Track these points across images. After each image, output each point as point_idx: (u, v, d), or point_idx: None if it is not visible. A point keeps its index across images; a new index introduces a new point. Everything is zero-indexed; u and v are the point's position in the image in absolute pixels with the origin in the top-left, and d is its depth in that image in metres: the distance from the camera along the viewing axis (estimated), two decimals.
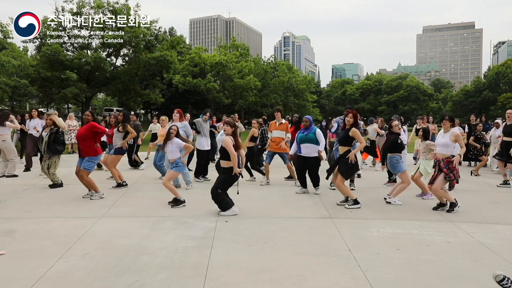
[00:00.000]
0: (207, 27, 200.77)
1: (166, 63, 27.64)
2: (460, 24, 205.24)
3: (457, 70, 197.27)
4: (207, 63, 39.00)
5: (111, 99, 44.19)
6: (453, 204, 5.97)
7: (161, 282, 3.41)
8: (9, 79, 30.46)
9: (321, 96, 74.97)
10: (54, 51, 24.40)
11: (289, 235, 4.76)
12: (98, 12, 26.42)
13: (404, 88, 69.39)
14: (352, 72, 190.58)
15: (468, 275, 3.62)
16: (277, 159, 8.65)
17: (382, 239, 4.64)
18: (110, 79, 27.83)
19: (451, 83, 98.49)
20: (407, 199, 6.85)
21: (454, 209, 5.94)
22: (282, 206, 6.33)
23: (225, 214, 5.61)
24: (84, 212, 5.76)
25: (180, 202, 6.13)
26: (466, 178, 9.52)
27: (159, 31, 30.53)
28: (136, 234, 4.74)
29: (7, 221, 5.24)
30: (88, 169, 6.68)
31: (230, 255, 4.09)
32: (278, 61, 57.03)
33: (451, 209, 5.95)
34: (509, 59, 71.46)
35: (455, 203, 5.98)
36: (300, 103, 54.57)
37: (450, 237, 4.74)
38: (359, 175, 9.21)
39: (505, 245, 4.48)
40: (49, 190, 7.40)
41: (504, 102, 56.18)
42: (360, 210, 6.05)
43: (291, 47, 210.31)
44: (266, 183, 8.13)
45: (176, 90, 40.20)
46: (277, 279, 3.50)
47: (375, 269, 3.72)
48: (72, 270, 3.65)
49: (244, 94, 41.48)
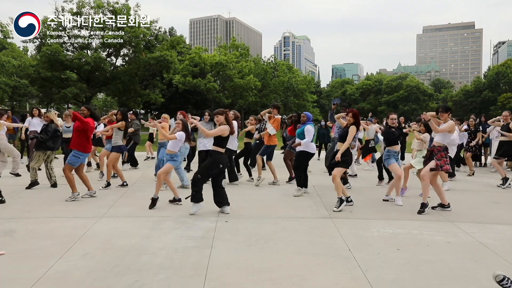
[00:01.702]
0: (207, 27, 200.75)
1: (166, 63, 27.66)
2: (460, 24, 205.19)
3: (457, 70, 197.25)
4: (207, 63, 39.00)
5: (111, 99, 44.17)
6: (424, 204, 5.88)
7: (161, 282, 3.41)
8: (9, 79, 30.48)
9: (321, 96, 74.94)
10: (54, 51, 24.41)
11: (289, 235, 4.76)
12: (98, 12, 26.43)
13: (404, 88, 69.41)
14: (352, 72, 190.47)
15: (468, 275, 3.62)
16: (277, 159, 8.65)
17: (382, 239, 4.64)
18: (110, 79, 27.84)
19: (451, 83, 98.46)
20: (407, 199, 6.85)
21: (425, 210, 5.85)
22: (282, 206, 6.33)
23: (192, 209, 5.65)
24: (84, 212, 5.76)
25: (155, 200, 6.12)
26: (466, 178, 9.52)
27: (159, 31, 30.55)
28: (136, 234, 4.74)
29: (7, 221, 5.24)
30: (72, 163, 6.51)
31: (230, 255, 4.09)
32: (278, 61, 57.01)
33: (422, 210, 5.84)
34: (509, 59, 71.47)
35: (426, 204, 5.89)
36: (300, 103, 54.55)
37: (450, 237, 4.74)
38: (356, 175, 9.23)
39: (505, 245, 4.48)
40: (49, 190, 7.40)
41: (504, 102, 56.19)
42: (360, 210, 6.05)
43: (291, 47, 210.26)
44: (258, 180, 8.18)
45: (176, 90, 40.19)
46: (277, 279, 3.50)
47: (375, 269, 3.72)
48: (72, 270, 3.65)
49: (244, 94, 41.49)
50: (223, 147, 5.68)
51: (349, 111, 6.31)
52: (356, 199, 6.54)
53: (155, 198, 6.11)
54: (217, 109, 5.95)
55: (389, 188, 6.83)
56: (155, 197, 6.12)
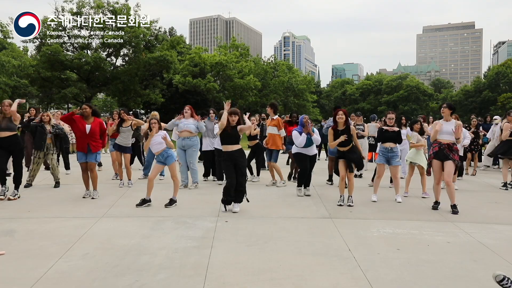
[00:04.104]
0: (207, 27, 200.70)
1: (166, 63, 27.70)
2: (460, 24, 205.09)
3: (457, 70, 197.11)
4: (207, 63, 38.97)
5: (111, 99, 44.20)
6: (455, 205, 5.93)
7: (161, 282, 3.41)
8: (9, 79, 30.47)
9: (321, 96, 74.86)
10: (54, 51, 24.43)
11: (289, 235, 4.76)
12: (98, 12, 26.46)
13: (404, 88, 69.35)
14: (352, 72, 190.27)
15: (468, 275, 3.62)
16: (280, 159, 8.67)
17: (382, 239, 4.64)
18: (110, 79, 27.87)
19: (451, 83, 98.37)
20: (407, 199, 6.86)
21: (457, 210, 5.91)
22: (282, 206, 6.33)
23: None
24: (84, 212, 5.76)
25: (145, 201, 6.11)
26: (466, 178, 9.52)
27: (159, 31, 30.60)
28: (136, 234, 4.74)
29: (7, 221, 5.24)
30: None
31: (230, 255, 4.09)
32: (278, 61, 56.93)
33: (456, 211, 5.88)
34: (509, 59, 71.43)
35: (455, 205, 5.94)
36: (300, 103, 54.51)
37: (450, 237, 4.74)
38: (361, 175, 9.21)
39: (505, 245, 4.48)
40: (49, 190, 7.40)
41: (504, 102, 56.12)
42: (360, 210, 6.05)
43: (291, 47, 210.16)
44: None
45: (176, 90, 40.16)
46: (277, 279, 3.50)
47: (375, 269, 3.72)
48: (72, 270, 3.65)
49: (244, 94, 41.46)
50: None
51: (338, 111, 6.34)
52: (356, 199, 6.53)
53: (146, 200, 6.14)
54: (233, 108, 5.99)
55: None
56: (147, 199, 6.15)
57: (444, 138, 6.00)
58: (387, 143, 6.75)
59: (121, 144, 7.87)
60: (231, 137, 5.79)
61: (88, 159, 6.67)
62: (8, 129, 6.40)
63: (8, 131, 6.39)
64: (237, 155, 5.80)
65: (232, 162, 5.79)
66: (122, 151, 7.87)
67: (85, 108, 6.72)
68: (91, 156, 6.67)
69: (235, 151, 5.80)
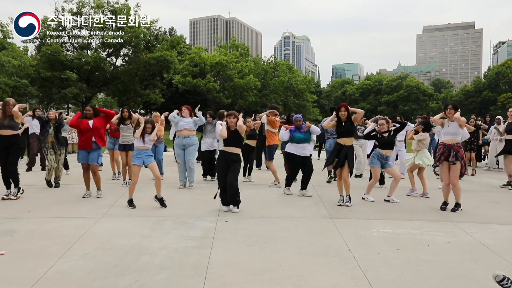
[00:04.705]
0: (207, 27, 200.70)
1: (166, 63, 27.72)
2: (460, 24, 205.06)
3: (457, 70, 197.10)
4: (207, 63, 39.01)
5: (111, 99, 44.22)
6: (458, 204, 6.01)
7: (161, 282, 3.41)
8: (9, 79, 30.45)
9: (321, 96, 74.90)
10: (54, 51, 24.45)
11: (289, 235, 4.76)
12: (98, 12, 26.48)
13: (404, 88, 69.36)
14: (352, 72, 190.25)
15: (468, 275, 3.62)
16: (278, 160, 8.66)
17: (382, 239, 4.64)
18: (110, 79, 27.89)
19: (451, 83, 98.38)
20: (407, 198, 6.86)
21: (459, 208, 5.97)
22: (282, 206, 6.33)
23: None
24: (84, 212, 5.76)
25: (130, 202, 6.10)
26: (466, 178, 9.51)
27: (159, 31, 30.62)
28: (136, 234, 4.74)
29: (7, 221, 5.24)
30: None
31: (230, 255, 4.09)
32: (278, 61, 56.98)
33: (456, 208, 5.96)
34: (509, 59, 71.47)
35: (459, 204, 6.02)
36: (300, 103, 54.54)
37: (450, 237, 4.74)
38: (361, 175, 9.21)
39: (505, 245, 4.48)
40: (49, 190, 7.40)
41: (504, 102, 56.13)
42: (360, 210, 6.05)
43: (291, 47, 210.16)
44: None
45: (176, 90, 40.21)
46: (277, 279, 3.50)
47: (375, 269, 3.72)
48: (72, 270, 3.65)
49: (244, 94, 41.51)
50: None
51: (340, 106, 6.32)
52: (356, 199, 6.54)
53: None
54: (231, 111, 6.09)
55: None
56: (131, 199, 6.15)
57: (449, 139, 6.04)
58: (385, 150, 6.76)
59: (125, 143, 7.88)
60: (231, 140, 5.85)
61: (90, 161, 6.70)
62: (10, 128, 6.47)
63: (10, 130, 6.47)
64: (234, 158, 5.85)
65: (226, 164, 5.84)
66: (128, 149, 7.88)
67: (89, 110, 6.86)
68: (93, 157, 6.70)
69: (232, 153, 5.85)
